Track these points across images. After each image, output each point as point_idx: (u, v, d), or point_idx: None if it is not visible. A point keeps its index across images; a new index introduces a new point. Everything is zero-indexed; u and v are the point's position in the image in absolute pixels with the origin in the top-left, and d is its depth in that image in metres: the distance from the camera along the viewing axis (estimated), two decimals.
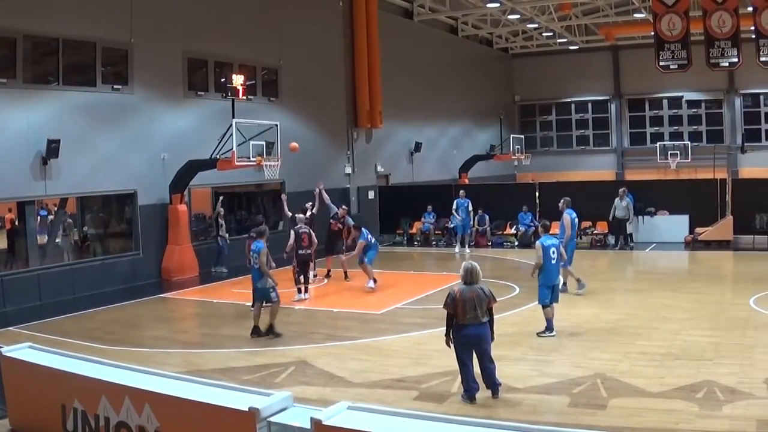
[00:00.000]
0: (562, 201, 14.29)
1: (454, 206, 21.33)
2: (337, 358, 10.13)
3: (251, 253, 11.95)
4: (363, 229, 15.79)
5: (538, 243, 11.39)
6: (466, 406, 7.99)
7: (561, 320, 11.96)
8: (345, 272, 16.77)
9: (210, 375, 8.91)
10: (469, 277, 8.18)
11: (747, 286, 14.52)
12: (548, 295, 11.10)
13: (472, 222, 22.02)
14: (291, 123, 21.72)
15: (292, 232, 14.73)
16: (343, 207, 18.30)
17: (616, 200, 20.47)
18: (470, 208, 21.33)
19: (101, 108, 16.75)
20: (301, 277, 14.58)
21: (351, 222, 17.33)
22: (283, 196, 17.72)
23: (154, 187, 17.87)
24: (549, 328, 10.99)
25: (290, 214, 16.47)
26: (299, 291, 14.55)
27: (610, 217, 20.90)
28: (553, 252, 11.20)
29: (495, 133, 35.04)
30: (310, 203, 17.46)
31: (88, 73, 16.71)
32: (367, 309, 13.50)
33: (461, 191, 21.69)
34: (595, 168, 36.92)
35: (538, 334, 10.95)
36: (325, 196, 17.73)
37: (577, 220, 14.44)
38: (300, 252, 14.45)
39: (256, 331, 11.54)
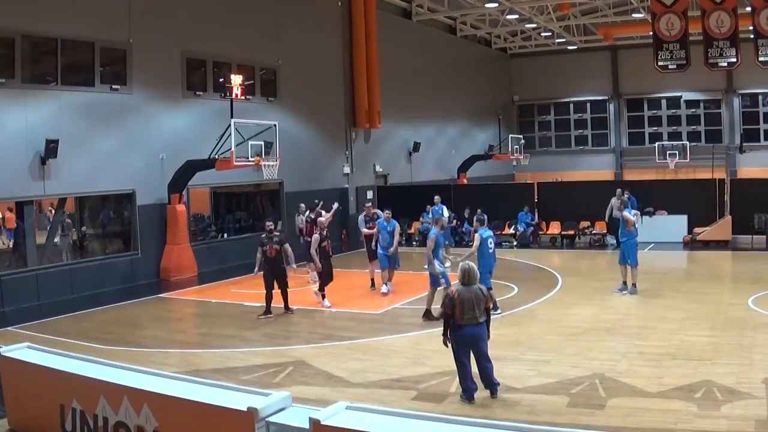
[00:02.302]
0: (620, 202, 14.99)
1: (430, 214, 18.96)
2: (336, 358, 10.13)
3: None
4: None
5: (477, 235, 12.78)
6: (465, 405, 7.99)
7: (560, 320, 12.01)
8: (372, 279, 15.71)
9: (208, 375, 8.91)
10: (467, 278, 8.18)
11: (745, 286, 14.54)
12: (489, 279, 12.38)
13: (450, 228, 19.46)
14: (289, 123, 21.72)
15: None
16: (368, 205, 16.98)
17: (613, 200, 20.45)
18: (446, 215, 18.49)
19: (100, 108, 16.74)
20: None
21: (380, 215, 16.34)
22: (337, 205, 16.95)
23: (152, 187, 17.86)
24: (495, 307, 12.06)
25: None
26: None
27: (606, 218, 20.85)
28: (490, 242, 12.58)
29: (493, 133, 35.07)
30: (317, 201, 17.41)
31: (87, 73, 16.71)
32: (365, 309, 13.50)
33: (436, 197, 19.38)
34: (593, 168, 36.95)
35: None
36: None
37: (635, 218, 14.62)
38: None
39: (427, 315, 12.18)
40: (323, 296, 13.85)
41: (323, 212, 16.21)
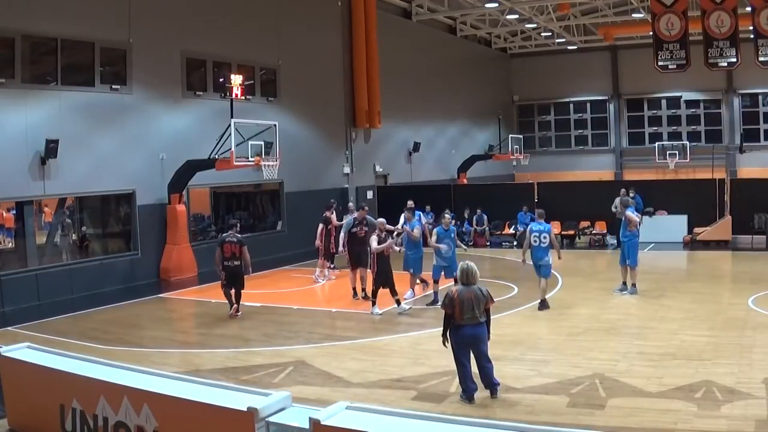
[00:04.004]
0: (621, 202, 15.35)
1: (401, 221, 15.46)
2: (336, 358, 10.13)
3: (536, 233, 12.79)
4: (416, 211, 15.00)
5: (435, 231, 13.67)
6: (465, 406, 7.99)
7: (559, 320, 12.00)
8: (363, 288, 14.45)
9: (208, 375, 8.91)
10: (467, 277, 8.19)
11: (745, 286, 14.54)
12: (440, 271, 13.44)
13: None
14: (289, 123, 21.72)
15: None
16: (363, 207, 15.82)
17: (617, 199, 20.40)
18: (423, 220, 16.69)
19: (100, 108, 16.74)
20: (232, 292, 13.24)
21: (375, 220, 15.84)
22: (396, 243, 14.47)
23: (152, 187, 17.86)
24: (435, 300, 12.95)
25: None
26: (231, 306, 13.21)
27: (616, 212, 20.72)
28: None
29: (493, 133, 35.07)
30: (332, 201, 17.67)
31: (87, 73, 16.70)
32: (365, 309, 13.48)
33: (409, 202, 17.02)
34: (593, 168, 36.93)
35: (427, 305, 13.40)
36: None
37: (638, 218, 14.66)
38: (226, 264, 13.09)
39: (544, 305, 12.71)
40: (373, 303, 13.10)
41: (333, 213, 16.61)
